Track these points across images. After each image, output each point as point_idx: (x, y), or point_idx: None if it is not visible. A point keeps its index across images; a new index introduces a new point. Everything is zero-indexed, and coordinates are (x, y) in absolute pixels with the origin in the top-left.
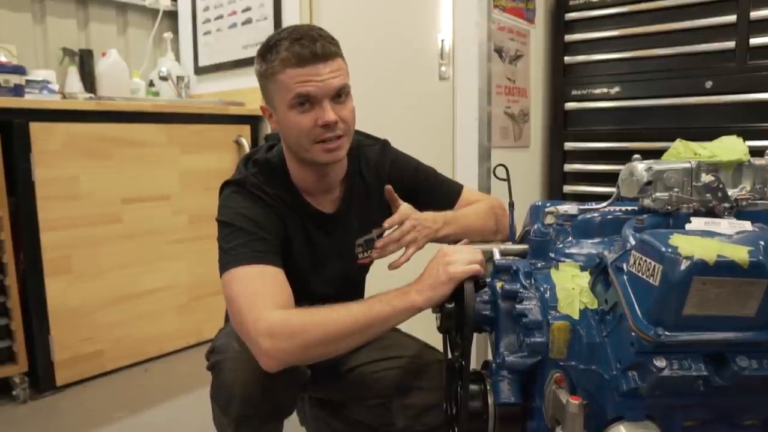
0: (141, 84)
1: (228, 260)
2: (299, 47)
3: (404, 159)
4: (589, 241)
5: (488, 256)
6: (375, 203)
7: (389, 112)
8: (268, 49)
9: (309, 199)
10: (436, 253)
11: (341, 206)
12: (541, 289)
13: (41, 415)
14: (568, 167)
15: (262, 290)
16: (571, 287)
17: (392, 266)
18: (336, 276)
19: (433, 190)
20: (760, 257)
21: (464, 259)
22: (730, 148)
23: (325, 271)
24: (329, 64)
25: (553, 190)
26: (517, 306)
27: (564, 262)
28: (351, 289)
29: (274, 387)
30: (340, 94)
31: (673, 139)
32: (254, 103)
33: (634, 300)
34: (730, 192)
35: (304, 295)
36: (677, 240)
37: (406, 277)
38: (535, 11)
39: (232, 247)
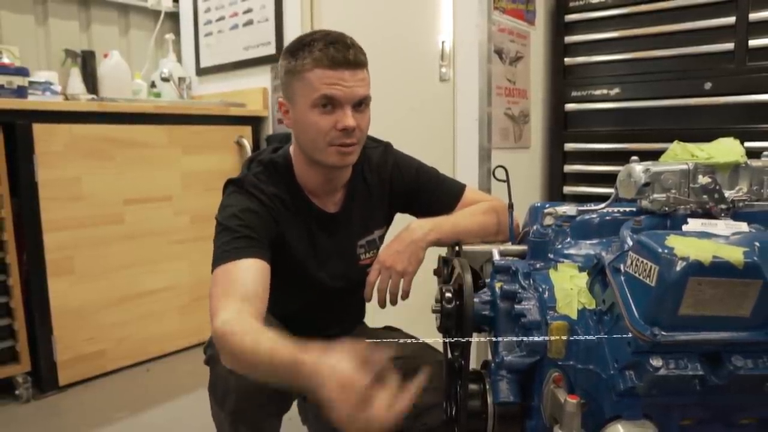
0: (143, 85)
1: (214, 260)
2: (333, 50)
3: (406, 160)
4: (588, 241)
5: (488, 257)
6: (377, 204)
7: (390, 114)
8: (300, 47)
9: (313, 199)
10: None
11: (344, 207)
12: (540, 289)
13: (44, 415)
14: (568, 168)
15: (231, 287)
16: (570, 287)
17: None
18: (338, 276)
19: (435, 191)
20: (755, 258)
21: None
22: (727, 149)
23: (327, 270)
24: (357, 72)
25: (553, 191)
26: (516, 306)
27: (562, 262)
28: (353, 288)
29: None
30: (361, 104)
31: (672, 140)
32: (255, 105)
33: (631, 300)
34: (727, 193)
35: (306, 295)
36: (673, 241)
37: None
38: (535, 13)
39: (218, 246)
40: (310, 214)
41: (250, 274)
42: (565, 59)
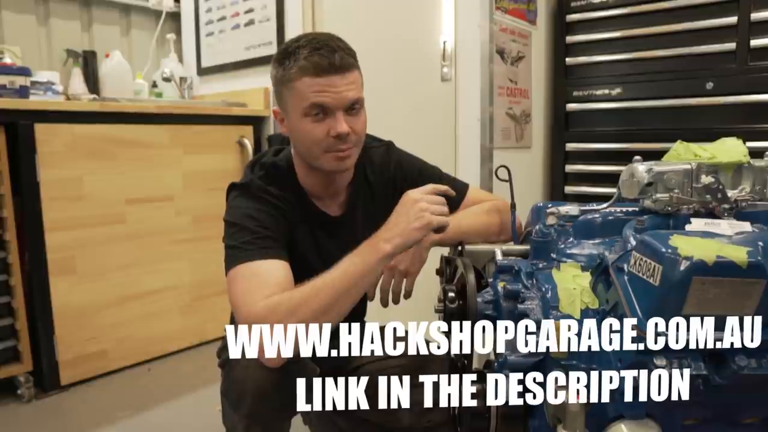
0: (144, 85)
1: (233, 257)
2: (318, 57)
3: (409, 159)
4: (591, 241)
5: (490, 257)
6: (381, 205)
7: (391, 114)
8: (286, 55)
9: (316, 202)
10: (402, 199)
11: (347, 209)
12: (543, 289)
13: (46, 415)
14: (570, 168)
15: (264, 283)
16: (573, 287)
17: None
18: None
19: None
20: (759, 258)
21: (436, 209)
22: (730, 149)
23: None
24: (346, 76)
25: (555, 191)
26: (519, 306)
27: (565, 262)
28: None
29: (286, 383)
30: (354, 106)
31: (674, 140)
32: (257, 105)
33: (634, 300)
34: (730, 193)
35: None
36: (677, 241)
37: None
38: (536, 12)
39: (237, 245)
40: (314, 217)
41: (282, 273)
42: (567, 59)
